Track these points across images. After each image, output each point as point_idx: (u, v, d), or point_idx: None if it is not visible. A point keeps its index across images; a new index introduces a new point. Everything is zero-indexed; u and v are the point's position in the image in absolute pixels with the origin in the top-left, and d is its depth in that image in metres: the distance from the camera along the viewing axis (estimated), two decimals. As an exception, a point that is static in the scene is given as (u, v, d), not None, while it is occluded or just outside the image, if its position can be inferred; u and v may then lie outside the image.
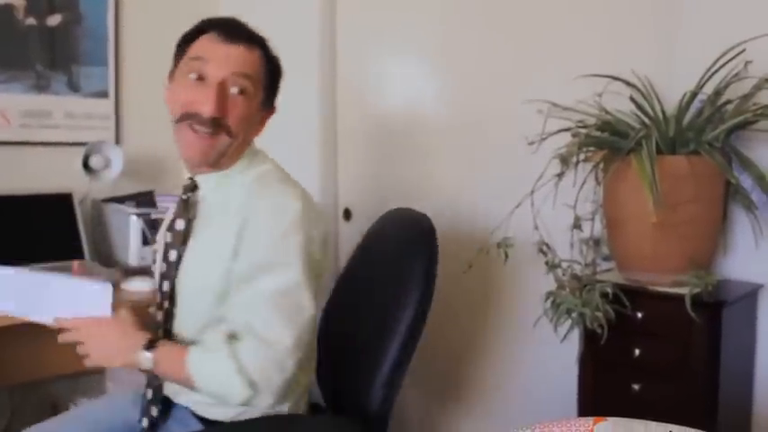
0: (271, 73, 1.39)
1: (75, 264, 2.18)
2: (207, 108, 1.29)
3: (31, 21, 2.36)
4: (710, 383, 1.51)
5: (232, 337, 1.24)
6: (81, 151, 2.33)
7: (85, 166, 2.35)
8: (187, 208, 1.40)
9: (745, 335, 1.67)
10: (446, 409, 2.30)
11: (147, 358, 1.27)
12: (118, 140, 2.52)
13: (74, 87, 2.46)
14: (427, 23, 2.26)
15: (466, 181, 2.18)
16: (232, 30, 1.35)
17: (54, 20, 2.41)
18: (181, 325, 1.38)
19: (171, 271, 1.38)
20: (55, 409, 2.26)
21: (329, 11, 2.46)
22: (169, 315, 1.38)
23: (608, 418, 1.03)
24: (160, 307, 1.40)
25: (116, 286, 1.42)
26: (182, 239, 1.38)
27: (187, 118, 1.31)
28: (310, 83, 2.44)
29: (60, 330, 1.31)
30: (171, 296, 1.38)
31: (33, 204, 2.26)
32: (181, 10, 2.61)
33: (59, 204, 2.30)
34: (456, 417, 2.28)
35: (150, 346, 1.27)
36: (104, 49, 2.51)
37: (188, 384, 1.27)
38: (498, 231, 1.80)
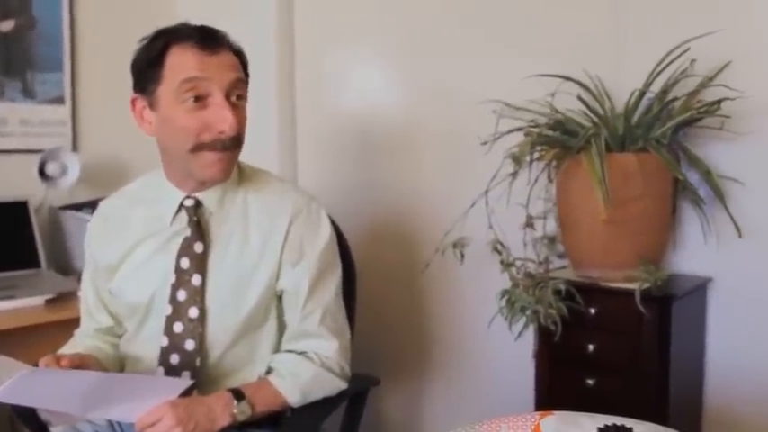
0: (245, 68, 1.36)
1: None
2: (227, 127, 1.25)
3: (-18, 27, 2.32)
4: (661, 376, 1.54)
5: (299, 337, 1.38)
6: (37, 159, 2.29)
7: (42, 173, 2.31)
8: (201, 230, 1.35)
9: (695, 328, 1.70)
10: (403, 406, 2.31)
11: (244, 409, 1.27)
12: (75, 147, 2.48)
13: (29, 94, 2.42)
14: (384, 25, 2.26)
15: (421, 181, 2.20)
16: (209, 38, 1.28)
17: (7, 25, 2.37)
18: (212, 345, 1.35)
19: (197, 296, 1.33)
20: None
21: (286, 12, 2.46)
22: (202, 338, 1.34)
23: (555, 412, 1.04)
24: (169, 332, 1.34)
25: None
26: (204, 262, 1.34)
27: (207, 144, 1.27)
28: (268, 84, 2.43)
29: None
30: (202, 320, 1.33)
31: (-12, 213, 2.22)
32: (136, 13, 2.59)
33: (15, 212, 2.25)
34: (414, 414, 2.29)
35: (238, 396, 1.27)
36: (59, 55, 2.46)
37: (284, 409, 1.35)
38: (453, 231, 1.82)
